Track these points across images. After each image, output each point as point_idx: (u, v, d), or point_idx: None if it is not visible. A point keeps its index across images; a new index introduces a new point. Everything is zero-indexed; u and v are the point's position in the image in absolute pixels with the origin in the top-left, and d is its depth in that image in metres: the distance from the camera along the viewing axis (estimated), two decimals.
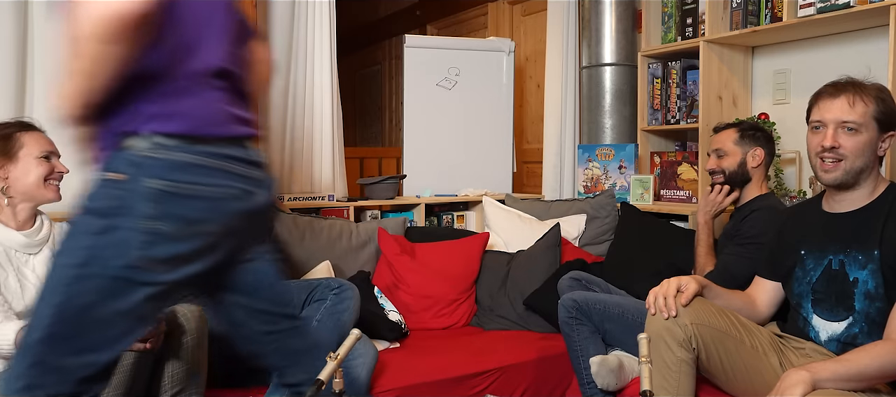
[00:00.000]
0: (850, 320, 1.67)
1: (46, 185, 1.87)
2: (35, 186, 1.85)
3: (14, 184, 1.84)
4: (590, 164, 3.44)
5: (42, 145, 1.88)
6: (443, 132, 3.71)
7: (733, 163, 2.33)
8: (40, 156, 1.86)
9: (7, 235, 1.82)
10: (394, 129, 6.48)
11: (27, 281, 1.83)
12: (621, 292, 2.32)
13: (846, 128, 1.66)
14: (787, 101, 2.94)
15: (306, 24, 3.21)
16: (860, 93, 1.66)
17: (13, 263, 1.82)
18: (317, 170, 3.28)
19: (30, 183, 1.85)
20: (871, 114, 1.65)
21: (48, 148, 1.89)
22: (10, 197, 1.84)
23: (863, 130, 1.65)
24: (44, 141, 1.90)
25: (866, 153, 1.66)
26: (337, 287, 1.97)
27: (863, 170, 1.68)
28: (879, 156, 1.69)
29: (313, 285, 1.99)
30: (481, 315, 2.80)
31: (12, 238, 1.82)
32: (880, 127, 1.66)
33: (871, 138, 1.66)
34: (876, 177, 1.71)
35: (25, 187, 1.85)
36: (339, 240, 2.85)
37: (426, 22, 5.96)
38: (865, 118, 1.65)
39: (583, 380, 2.09)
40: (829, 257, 1.72)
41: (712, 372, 1.71)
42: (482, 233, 3.04)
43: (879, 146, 1.68)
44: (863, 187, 1.70)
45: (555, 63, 3.73)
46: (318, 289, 1.97)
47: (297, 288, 1.99)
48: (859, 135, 1.65)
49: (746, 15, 2.85)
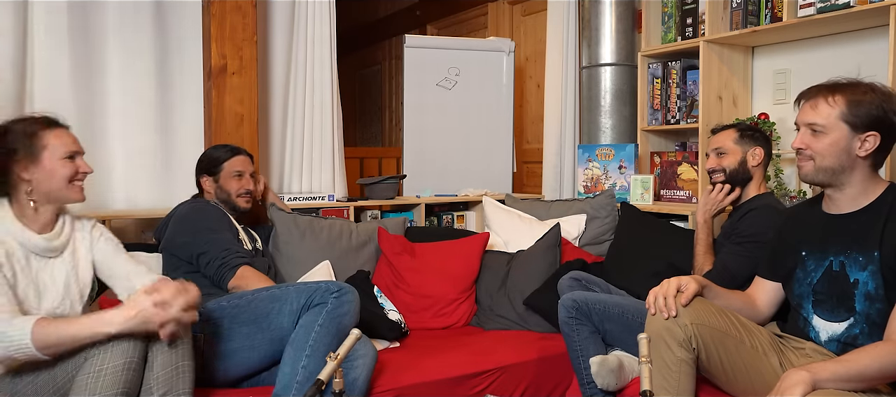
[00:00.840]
0: (850, 321, 1.67)
1: (71, 186, 1.82)
2: (60, 188, 1.81)
3: (38, 186, 1.79)
4: (590, 164, 3.44)
5: (67, 145, 1.82)
6: (443, 132, 3.71)
7: (734, 162, 2.34)
8: (65, 156, 1.81)
9: (27, 238, 1.77)
10: (394, 129, 6.49)
11: (45, 286, 1.79)
12: (621, 292, 2.32)
13: (812, 130, 1.70)
14: (786, 101, 2.94)
15: (306, 24, 3.21)
16: (829, 95, 1.69)
17: (32, 267, 1.77)
18: (317, 170, 3.29)
19: (55, 185, 1.80)
20: (836, 116, 1.67)
21: (73, 147, 1.84)
22: (34, 200, 1.79)
23: (828, 132, 1.68)
24: (68, 139, 1.84)
25: (835, 153, 1.67)
26: (336, 290, 1.95)
27: (838, 170, 1.69)
28: (860, 155, 1.67)
29: (311, 289, 1.96)
30: (481, 315, 2.80)
31: (32, 241, 1.78)
32: (852, 128, 1.66)
33: (838, 139, 1.67)
34: (867, 177, 1.70)
35: (50, 189, 1.80)
36: (339, 240, 2.85)
37: (426, 22, 5.96)
38: (830, 120, 1.67)
39: (583, 380, 2.09)
40: (830, 258, 1.72)
41: (712, 372, 1.71)
42: (482, 233, 3.04)
43: (856, 146, 1.67)
44: (850, 187, 1.70)
45: (555, 63, 3.73)
46: (317, 293, 1.95)
47: (296, 291, 1.98)
48: (825, 136, 1.68)
49: (746, 15, 2.85)
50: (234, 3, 2.83)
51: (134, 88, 2.84)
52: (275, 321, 1.96)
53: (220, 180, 2.53)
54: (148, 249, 2.49)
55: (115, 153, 2.83)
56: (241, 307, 1.99)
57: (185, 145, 2.94)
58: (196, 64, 2.92)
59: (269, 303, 1.98)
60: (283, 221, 2.79)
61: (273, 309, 1.97)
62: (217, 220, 2.37)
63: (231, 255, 2.23)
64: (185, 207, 2.43)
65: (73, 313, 1.84)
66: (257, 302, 1.99)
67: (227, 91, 2.84)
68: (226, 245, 2.26)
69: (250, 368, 2.00)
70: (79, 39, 2.71)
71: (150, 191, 2.90)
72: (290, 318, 1.95)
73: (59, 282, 1.82)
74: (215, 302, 2.03)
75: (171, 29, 2.91)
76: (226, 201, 2.53)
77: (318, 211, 3.07)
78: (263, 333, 1.96)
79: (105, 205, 2.79)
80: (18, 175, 1.78)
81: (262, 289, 2.05)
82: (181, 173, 2.92)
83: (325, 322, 1.92)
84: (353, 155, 5.16)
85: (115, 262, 1.95)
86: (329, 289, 1.95)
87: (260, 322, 1.96)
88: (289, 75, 3.22)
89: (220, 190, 2.53)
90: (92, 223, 1.98)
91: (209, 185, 2.54)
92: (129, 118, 2.84)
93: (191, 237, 2.28)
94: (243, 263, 2.23)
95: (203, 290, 2.19)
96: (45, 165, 1.78)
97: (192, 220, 2.35)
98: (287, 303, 1.96)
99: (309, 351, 1.89)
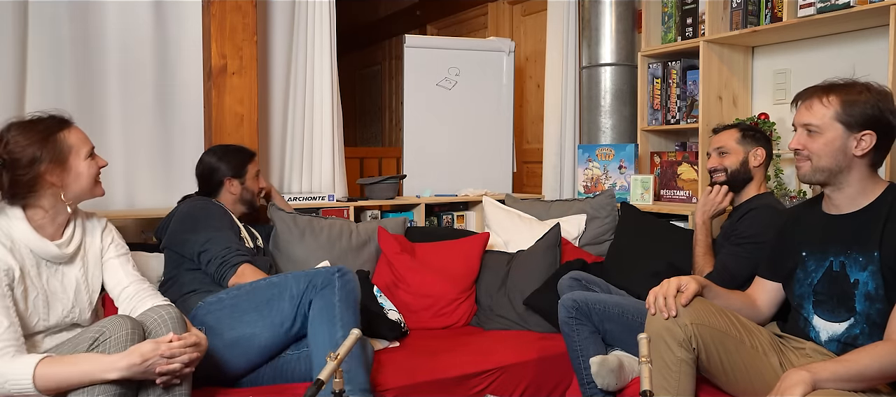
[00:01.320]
0: (850, 321, 1.67)
1: (97, 184, 1.81)
2: (89, 188, 1.78)
3: (68, 189, 1.75)
4: (590, 164, 3.44)
5: (86, 142, 1.79)
6: (443, 132, 3.71)
7: (736, 162, 2.34)
8: (88, 155, 1.78)
9: (41, 246, 1.73)
10: (394, 129, 6.49)
11: (54, 295, 1.75)
12: (621, 292, 2.32)
13: (808, 131, 1.71)
14: (786, 101, 2.94)
15: (306, 24, 3.21)
16: (824, 95, 1.70)
17: (42, 276, 1.74)
18: (317, 170, 3.29)
19: (84, 186, 1.77)
20: (830, 116, 1.68)
21: (90, 144, 1.81)
22: (51, 208, 1.74)
23: (823, 131, 1.69)
24: (84, 136, 1.80)
25: (831, 153, 1.68)
26: (337, 271, 2.02)
27: (835, 170, 1.69)
28: (857, 155, 1.67)
29: (310, 274, 2.02)
30: (481, 315, 2.80)
31: (45, 249, 1.73)
32: (847, 127, 1.67)
33: (833, 139, 1.68)
34: (865, 176, 1.70)
35: (79, 190, 1.77)
36: (339, 240, 2.85)
37: (426, 22, 5.96)
38: (824, 120, 1.68)
39: (583, 380, 2.09)
40: (830, 259, 1.72)
41: (712, 372, 1.71)
42: (482, 233, 3.04)
43: (852, 145, 1.67)
44: (849, 186, 1.71)
45: (555, 63, 3.73)
46: (317, 277, 2.00)
47: (295, 278, 2.03)
48: (820, 136, 1.69)
49: (746, 15, 2.85)
50: (234, 3, 2.83)
51: (133, 88, 2.84)
52: (276, 306, 2.00)
53: (246, 182, 2.58)
54: (148, 249, 2.49)
55: (115, 153, 2.82)
56: (241, 297, 2.04)
57: (185, 145, 2.94)
58: (196, 64, 2.92)
59: (269, 290, 2.03)
60: (283, 221, 2.79)
61: (273, 294, 2.02)
62: (219, 218, 2.38)
63: (232, 254, 2.24)
64: (188, 205, 2.44)
65: (82, 320, 1.82)
66: (257, 290, 2.05)
67: (227, 91, 2.84)
68: (227, 243, 2.27)
69: (250, 359, 2.02)
70: (79, 39, 2.71)
71: (150, 191, 2.90)
72: (291, 304, 1.99)
73: (69, 290, 1.79)
74: (215, 296, 2.08)
75: (171, 29, 2.91)
76: (249, 201, 2.60)
77: (318, 211, 3.07)
78: (265, 320, 2.00)
79: (105, 205, 2.78)
80: (50, 182, 1.72)
81: (261, 279, 2.12)
82: (181, 173, 2.92)
83: (342, 297, 1.98)
84: (353, 155, 5.16)
85: (122, 281, 1.90)
86: (329, 271, 2.01)
87: (261, 309, 2.01)
88: (289, 75, 3.22)
89: (245, 190, 2.58)
90: (102, 224, 1.93)
91: (235, 188, 2.56)
92: (129, 118, 2.84)
93: (192, 234, 2.29)
94: (244, 261, 2.24)
95: (203, 287, 2.21)
96: (72, 168, 1.74)
97: (195, 218, 2.35)
98: (287, 289, 2.01)
99: (340, 324, 1.95)
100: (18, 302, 1.66)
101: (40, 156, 1.69)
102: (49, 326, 1.74)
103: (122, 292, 1.89)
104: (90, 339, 1.61)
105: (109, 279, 1.90)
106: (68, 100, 2.66)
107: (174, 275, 2.30)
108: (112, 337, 1.61)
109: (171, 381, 1.65)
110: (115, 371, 1.56)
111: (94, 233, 1.90)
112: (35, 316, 1.71)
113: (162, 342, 1.62)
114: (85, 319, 1.82)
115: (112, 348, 1.60)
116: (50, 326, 1.75)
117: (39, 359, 1.55)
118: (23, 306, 1.67)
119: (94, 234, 1.90)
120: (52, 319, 1.74)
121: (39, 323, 1.71)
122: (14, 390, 1.54)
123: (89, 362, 1.57)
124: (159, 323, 1.70)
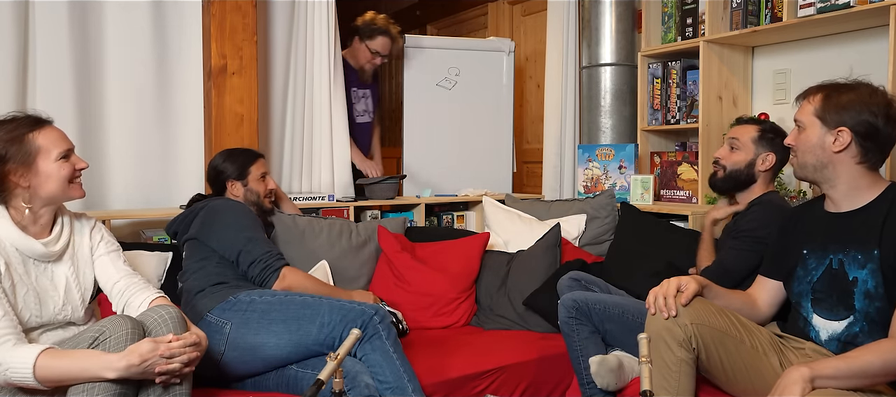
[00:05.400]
0: (850, 319, 1.67)
1: (71, 186, 1.77)
2: (60, 191, 1.75)
3: (37, 191, 1.73)
4: (590, 164, 3.44)
5: (58, 144, 1.75)
6: (443, 132, 3.71)
7: (742, 161, 2.31)
8: (60, 156, 1.74)
9: (26, 244, 1.73)
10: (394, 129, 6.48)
11: (45, 292, 1.76)
12: (621, 292, 2.32)
13: (797, 127, 1.77)
14: (786, 101, 2.94)
15: (306, 23, 3.21)
16: (813, 93, 1.74)
17: (31, 274, 1.74)
18: (316, 170, 3.28)
19: (55, 188, 1.74)
20: (811, 113, 1.72)
21: (65, 145, 1.77)
22: (29, 206, 1.73)
23: (806, 128, 1.73)
24: (58, 137, 1.77)
25: (810, 149, 1.72)
26: (374, 313, 2.01)
27: (817, 166, 1.71)
28: (835, 151, 1.67)
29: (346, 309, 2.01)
30: (481, 314, 2.80)
31: (31, 247, 1.73)
32: (823, 123, 1.69)
33: (811, 135, 1.71)
34: (857, 175, 1.69)
35: (50, 193, 1.74)
36: (339, 240, 2.85)
37: (426, 22, 5.96)
38: (806, 116, 1.73)
39: (583, 380, 2.09)
40: (830, 257, 1.72)
41: (712, 372, 1.71)
42: (482, 233, 3.04)
43: (830, 142, 1.68)
44: (839, 184, 1.71)
45: (555, 63, 3.73)
46: (358, 318, 1.99)
47: (329, 307, 2.03)
48: (804, 132, 1.74)
49: (746, 15, 2.85)
50: (234, 3, 2.83)
51: (133, 88, 2.84)
52: (305, 326, 2.00)
53: (250, 183, 2.56)
54: (148, 249, 2.49)
55: (115, 153, 2.82)
56: (274, 305, 2.06)
57: (185, 145, 2.94)
58: (196, 64, 2.92)
59: (303, 309, 2.04)
60: (282, 221, 2.78)
61: (305, 314, 2.02)
62: (253, 220, 2.41)
63: (272, 258, 2.27)
64: (220, 202, 2.42)
65: (76, 318, 1.82)
66: (290, 304, 2.05)
67: (227, 91, 2.84)
68: (266, 247, 2.30)
69: (268, 365, 2.03)
70: (79, 39, 2.71)
71: (150, 191, 2.90)
72: (319, 331, 1.99)
73: (60, 288, 1.79)
74: (247, 294, 2.10)
75: (171, 29, 2.91)
76: (255, 203, 2.57)
77: (318, 211, 3.07)
78: (292, 335, 2.00)
79: (104, 205, 2.78)
80: (15, 183, 1.71)
81: (296, 294, 2.12)
82: (181, 173, 2.92)
83: (394, 347, 2.01)
84: None
85: (112, 276, 1.90)
86: (365, 313, 2.00)
87: (289, 323, 2.01)
88: (289, 75, 3.22)
89: (249, 192, 2.56)
90: (91, 224, 1.94)
91: (238, 190, 2.55)
92: (129, 118, 2.84)
93: (233, 233, 2.30)
94: (284, 265, 2.28)
95: (231, 282, 2.21)
96: (41, 169, 1.72)
97: (234, 215, 2.36)
98: (319, 315, 2.00)
99: (399, 361, 1.99)
100: (8, 296, 1.67)
101: (5, 156, 1.69)
102: (43, 322, 1.75)
103: (114, 286, 1.89)
104: (90, 339, 1.62)
105: (101, 275, 1.90)
106: (68, 100, 2.67)
107: (202, 267, 2.27)
108: (112, 336, 1.61)
109: (170, 381, 1.65)
110: (112, 371, 1.56)
111: (82, 233, 1.91)
112: (27, 312, 1.71)
113: (161, 342, 1.62)
114: (79, 317, 1.83)
115: (112, 348, 1.60)
116: (44, 322, 1.75)
117: (42, 350, 1.56)
118: (13, 300, 1.68)
119: (82, 233, 1.90)
120: (45, 316, 1.75)
121: (32, 319, 1.72)
122: (14, 378, 1.55)
123: (89, 359, 1.57)
124: (159, 323, 1.70)
